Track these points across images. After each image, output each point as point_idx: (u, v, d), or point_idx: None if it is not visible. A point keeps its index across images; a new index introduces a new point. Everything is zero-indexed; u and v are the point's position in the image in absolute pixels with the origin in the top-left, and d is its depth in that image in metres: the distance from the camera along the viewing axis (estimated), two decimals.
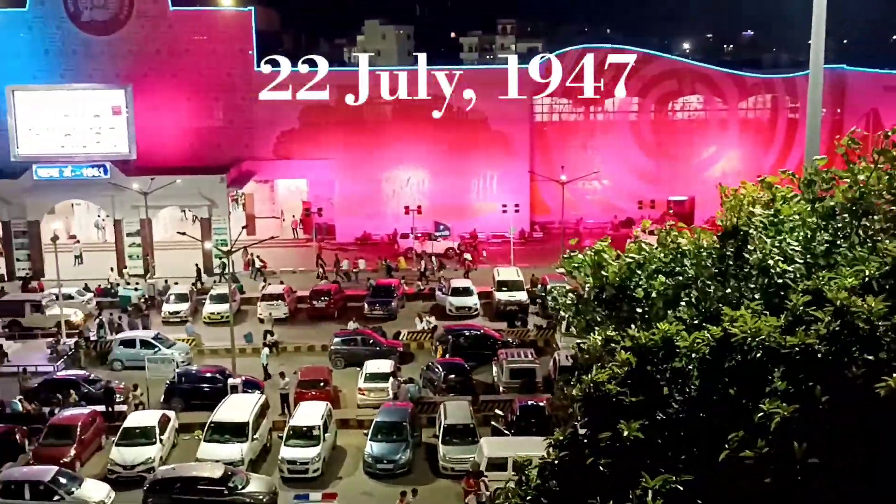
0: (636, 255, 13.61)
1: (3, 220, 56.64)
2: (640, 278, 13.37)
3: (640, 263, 13.49)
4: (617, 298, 13.55)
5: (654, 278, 13.07)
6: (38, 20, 59.98)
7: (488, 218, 63.67)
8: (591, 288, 14.08)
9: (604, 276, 13.76)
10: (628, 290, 13.40)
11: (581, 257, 14.46)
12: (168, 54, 60.80)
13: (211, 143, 62.55)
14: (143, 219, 56.17)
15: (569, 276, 15.12)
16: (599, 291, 13.88)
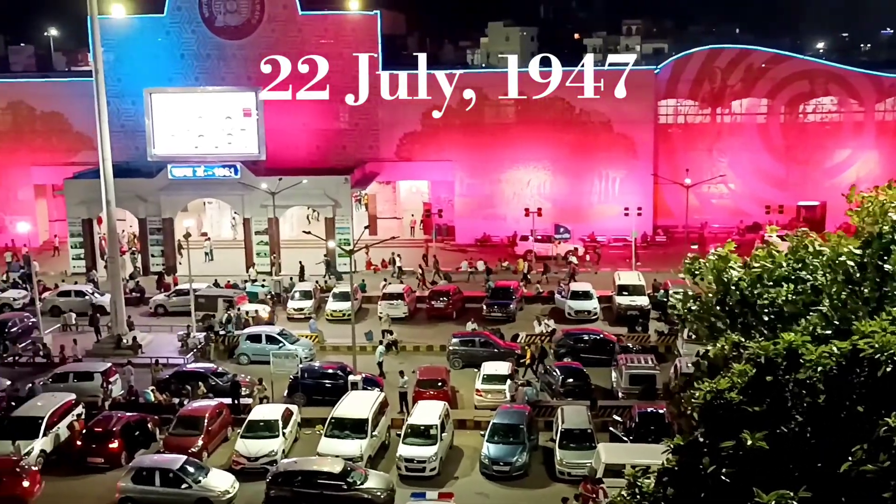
0: (763, 262, 13.21)
1: (140, 217, 59.19)
2: (767, 286, 12.96)
3: (767, 270, 13.08)
4: (741, 306, 13.20)
5: (780, 286, 12.65)
6: (175, 26, 62.47)
7: (610, 221, 62.91)
8: (714, 294, 13.76)
9: (727, 282, 13.42)
10: (753, 297, 13.03)
11: (704, 263, 14.13)
12: (297, 58, 62.31)
13: (336, 145, 63.87)
14: (270, 217, 57.79)
15: (692, 282, 14.79)
16: (722, 298, 13.55)
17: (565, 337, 42.64)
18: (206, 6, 61.95)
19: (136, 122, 62.14)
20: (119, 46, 61.37)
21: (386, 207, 68.94)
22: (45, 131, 65.85)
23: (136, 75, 61.49)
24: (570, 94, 62.69)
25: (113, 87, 58.71)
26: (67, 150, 65.06)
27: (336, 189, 58.02)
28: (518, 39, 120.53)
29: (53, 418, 33.69)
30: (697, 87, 64.16)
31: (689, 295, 15.07)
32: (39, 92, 66.72)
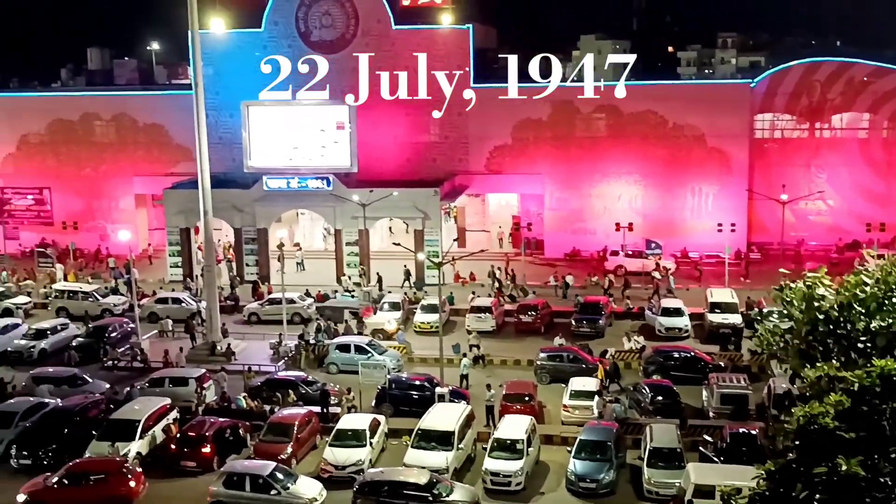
0: (853, 290, 12.80)
1: (236, 227, 60.60)
2: (859, 313, 12.55)
3: (857, 299, 12.67)
4: (832, 333, 12.83)
5: (875, 314, 12.25)
6: (272, 40, 63.87)
7: (702, 236, 61.87)
8: (805, 323, 13.40)
9: (818, 309, 13.06)
10: (844, 325, 12.64)
11: (794, 290, 13.77)
12: (389, 71, 63.05)
13: (427, 158, 64.38)
14: (361, 229, 58.53)
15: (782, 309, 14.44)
16: (813, 326, 13.19)
17: (655, 354, 42.06)
18: (303, 21, 63.23)
19: (233, 135, 63.72)
20: (218, 60, 63.07)
21: (475, 220, 69.12)
22: (147, 143, 68.05)
23: (233, 88, 63.09)
24: (664, 107, 62.07)
25: (212, 99, 60.39)
26: (168, 161, 67.15)
27: (426, 201, 58.45)
28: (610, 52, 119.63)
29: (149, 422, 34.70)
30: (795, 100, 62.69)
31: (778, 326, 14.70)
32: (142, 104, 69.01)
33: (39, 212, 68.96)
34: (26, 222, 69.00)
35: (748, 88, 63.04)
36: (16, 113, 70.01)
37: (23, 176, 69.44)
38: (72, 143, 69.15)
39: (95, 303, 53.06)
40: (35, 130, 69.56)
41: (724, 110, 61.68)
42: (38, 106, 70.82)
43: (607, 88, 60.45)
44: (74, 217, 65.60)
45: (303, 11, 63.30)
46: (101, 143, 69.06)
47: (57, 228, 66.94)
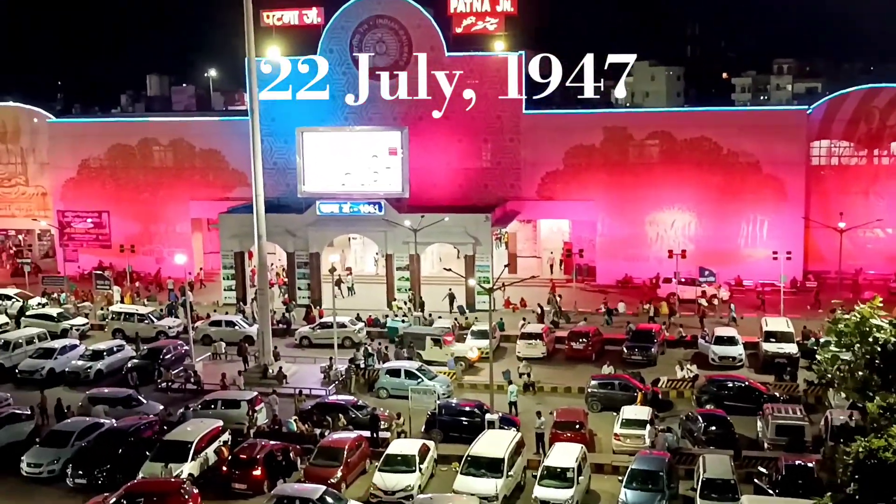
0: None
1: (289, 251, 61.20)
2: None
3: None
4: (891, 364, 12.54)
5: None
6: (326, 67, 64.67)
7: (757, 265, 61.01)
8: (861, 356, 13.12)
9: (873, 342, 12.78)
10: None
11: (848, 323, 13.50)
12: (442, 97, 63.53)
13: (478, 183, 64.54)
14: (412, 254, 58.73)
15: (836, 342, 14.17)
16: (871, 357, 12.91)
17: (708, 383, 41.46)
18: (357, 48, 63.98)
19: (287, 160, 64.54)
20: (273, 87, 64.00)
21: (526, 246, 69.00)
22: (203, 168, 69.18)
23: (289, 114, 63.95)
24: (717, 133, 61.63)
25: (267, 126, 61.32)
26: (223, 185, 68.19)
27: (477, 227, 58.51)
28: (664, 78, 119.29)
29: (202, 443, 34.98)
30: (853, 127, 61.77)
31: (836, 356, 14.43)
32: (199, 130, 70.25)
33: (98, 235, 70.34)
34: (85, 245, 70.41)
35: (805, 115, 62.29)
36: (77, 138, 71.71)
37: (83, 200, 70.96)
38: (130, 168, 70.56)
39: (150, 325, 53.87)
40: (95, 155, 71.12)
41: (780, 137, 61.00)
42: (98, 131, 72.48)
43: (660, 115, 60.10)
44: (132, 240, 66.80)
45: (357, 39, 64.09)
46: (158, 167, 70.37)
47: (114, 251, 68.21)
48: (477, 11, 62.02)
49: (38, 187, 74.28)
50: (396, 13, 63.39)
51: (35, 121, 73.64)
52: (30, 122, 73.79)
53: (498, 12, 61.89)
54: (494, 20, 62.04)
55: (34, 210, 74.12)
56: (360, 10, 64.03)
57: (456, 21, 62.55)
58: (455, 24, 62.66)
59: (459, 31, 62.89)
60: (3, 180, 74.95)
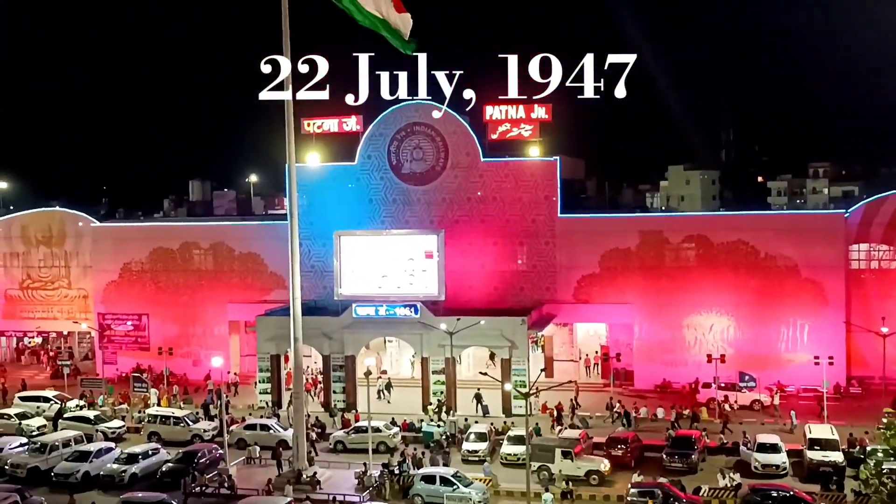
0: None
1: (325, 353, 61.24)
2: None
3: None
4: None
5: None
6: (364, 173, 66.01)
7: (799, 370, 59.96)
8: None
9: None
10: None
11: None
12: (477, 202, 64.37)
13: (514, 286, 64.64)
14: (448, 357, 58.51)
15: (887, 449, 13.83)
16: None
17: (752, 492, 40.34)
18: (395, 154, 65.28)
19: (325, 263, 65.23)
20: (312, 191, 65.29)
21: (562, 350, 68.48)
22: (242, 271, 70.05)
23: (327, 218, 64.95)
24: (754, 237, 61.50)
25: (305, 229, 62.25)
26: (261, 288, 68.87)
27: (513, 330, 58.30)
28: (699, 182, 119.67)
29: None
30: (892, 231, 61.41)
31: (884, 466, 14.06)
32: (239, 234, 71.39)
33: (137, 337, 71.04)
34: (124, 347, 71.03)
35: (842, 218, 62.10)
36: (120, 242, 73.14)
37: (123, 302, 71.92)
38: (171, 271, 71.62)
39: (186, 428, 53.75)
40: (137, 258, 72.35)
41: (818, 241, 60.73)
42: (141, 235, 73.96)
43: (696, 219, 60.21)
44: (170, 343, 67.30)
45: (395, 145, 65.44)
46: (198, 270, 71.35)
47: (153, 354, 68.67)
48: (512, 118, 63.20)
49: (80, 290, 75.51)
50: (433, 121, 64.76)
51: (80, 224, 75.34)
52: (75, 226, 75.50)
53: (532, 119, 63.00)
54: (529, 127, 63.13)
55: (76, 312, 75.17)
56: (399, 117, 65.52)
57: (491, 128, 63.72)
58: (490, 131, 63.83)
59: (495, 138, 63.97)
60: (47, 283, 76.33)
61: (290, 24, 41.86)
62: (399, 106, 64.74)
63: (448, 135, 64.81)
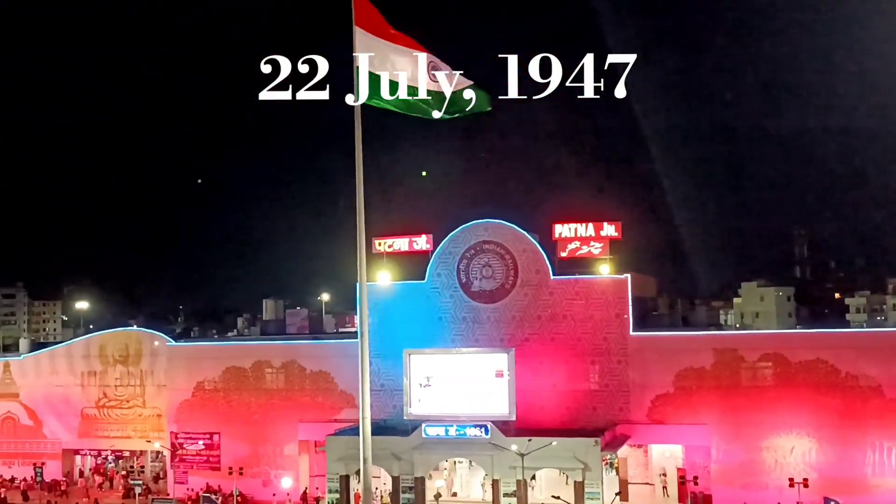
0: None
1: (394, 475, 60.47)
2: None
3: None
4: None
5: None
6: (434, 291, 66.42)
7: (888, 496, 57.19)
8: None
9: None
10: None
11: None
12: (548, 320, 64.05)
13: (586, 406, 63.50)
14: (519, 479, 57.27)
15: None
16: None
17: None
18: (464, 273, 65.69)
19: (394, 382, 65.04)
20: (383, 310, 65.71)
21: (637, 472, 66.54)
22: (313, 389, 70.22)
23: (397, 336, 65.09)
24: (834, 356, 59.77)
25: (375, 347, 62.35)
26: (332, 407, 68.83)
27: (586, 452, 57.00)
28: (773, 299, 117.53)
29: None
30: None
31: None
32: (310, 353, 71.88)
33: (209, 457, 71.17)
34: (196, 466, 71.15)
35: None
36: (194, 361, 74.16)
37: (196, 421, 72.40)
38: (243, 390, 72.12)
39: None
40: (210, 377, 73.13)
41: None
42: (214, 354, 74.95)
43: (772, 337, 58.96)
44: (240, 462, 67.26)
45: (464, 264, 65.92)
46: (270, 389, 71.72)
47: (223, 473, 68.59)
48: (582, 236, 63.42)
49: (154, 409, 76.33)
50: (503, 239, 65.23)
51: (156, 344, 76.75)
52: (151, 345, 76.91)
53: (602, 237, 63.11)
54: (599, 244, 63.21)
55: (149, 431, 75.83)
56: (468, 236, 66.22)
57: (561, 245, 63.94)
58: (560, 249, 64.01)
59: (564, 256, 64.08)
60: (122, 402, 77.39)
61: None
62: (468, 225, 65.65)
63: (517, 253, 65.14)
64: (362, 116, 23.05)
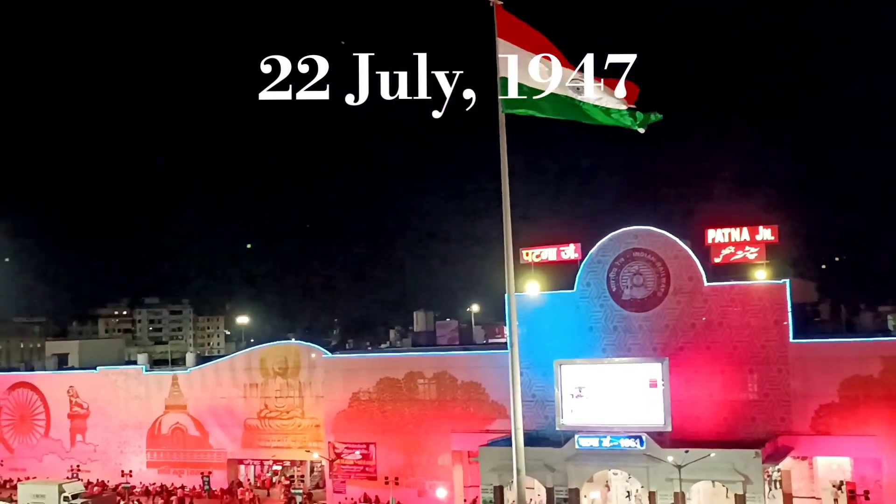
0: None
1: (548, 486, 60.11)
2: None
3: None
4: None
5: None
6: (584, 300, 65.71)
7: None
8: None
9: None
10: None
11: None
12: (702, 328, 62.31)
13: (745, 417, 61.37)
14: (676, 492, 55.90)
15: None
16: None
17: None
18: (614, 281, 64.73)
19: (545, 392, 64.66)
20: (532, 320, 65.41)
21: (802, 486, 63.69)
22: (465, 400, 70.67)
23: (547, 347, 64.70)
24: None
25: (525, 358, 62.17)
26: (483, 418, 69.07)
27: (746, 464, 55.08)
28: None
29: None
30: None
31: None
32: (461, 363, 72.40)
33: (365, 466, 72.71)
34: (353, 476, 72.80)
35: None
36: (349, 372, 75.95)
37: (352, 432, 74.10)
38: (397, 401, 73.32)
39: None
40: (365, 388, 74.70)
41: None
42: (368, 365, 76.51)
43: None
44: (395, 472, 68.36)
45: (614, 272, 64.94)
46: (422, 400, 72.63)
47: (379, 483, 69.88)
48: (736, 241, 61.50)
49: (312, 419, 78.60)
50: (653, 246, 63.97)
51: (313, 356, 79.05)
52: (308, 357, 79.29)
53: (758, 241, 61.01)
54: (755, 249, 61.11)
55: (308, 441, 78.10)
56: (617, 243, 65.23)
57: (714, 251, 62.17)
58: (714, 254, 62.24)
59: (718, 261, 62.26)
60: (283, 413, 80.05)
61: None
62: (617, 232, 64.74)
63: (669, 260, 63.70)
64: (507, 126, 23.07)
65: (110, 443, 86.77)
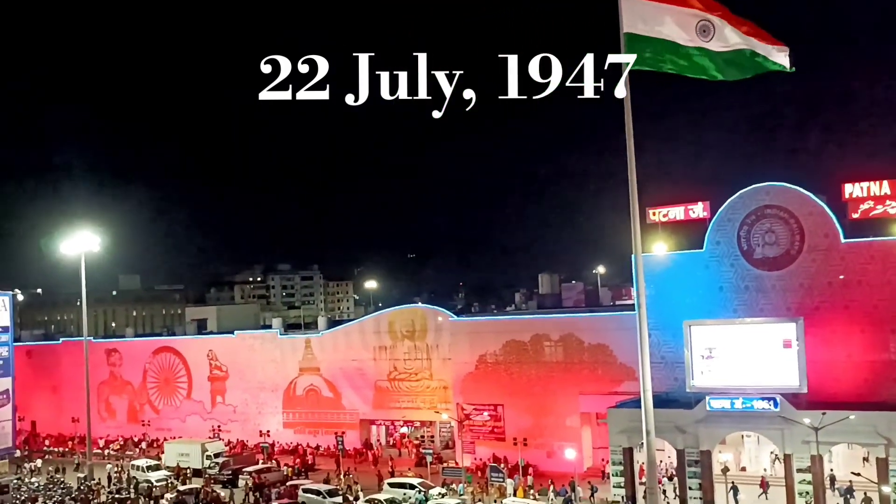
0: None
1: (678, 448, 59.38)
2: None
3: None
4: None
5: None
6: (713, 259, 64.12)
7: None
8: None
9: None
10: None
11: None
12: (839, 286, 60.01)
13: (887, 378, 58.92)
14: (814, 455, 54.35)
15: None
16: None
17: None
18: (745, 240, 62.91)
19: (675, 354, 63.68)
20: (660, 281, 64.31)
21: None
22: (592, 362, 70.36)
23: (675, 308, 63.61)
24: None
25: (653, 319, 61.33)
26: (611, 380, 68.65)
27: (888, 426, 53.03)
28: None
29: None
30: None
31: None
32: (587, 325, 72.04)
33: (493, 427, 73.44)
34: (482, 437, 73.66)
35: None
36: (475, 335, 76.61)
37: (479, 393, 74.89)
38: (523, 363, 73.61)
39: None
40: (491, 351, 75.23)
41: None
42: (494, 329, 77.00)
43: None
44: (524, 433, 68.75)
45: (745, 230, 63.08)
46: (549, 362, 72.70)
47: (508, 444, 70.41)
48: (875, 195, 58.78)
49: (440, 381, 79.76)
50: (786, 202, 61.81)
51: (439, 319, 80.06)
52: (434, 320, 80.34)
53: None
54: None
55: (436, 402, 79.35)
56: (748, 201, 63.26)
57: (852, 206, 59.62)
58: (851, 210, 59.69)
59: (856, 217, 59.70)
60: (412, 374, 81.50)
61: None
62: (747, 190, 62.80)
63: (803, 216, 61.43)
64: None
65: (248, 404, 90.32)
